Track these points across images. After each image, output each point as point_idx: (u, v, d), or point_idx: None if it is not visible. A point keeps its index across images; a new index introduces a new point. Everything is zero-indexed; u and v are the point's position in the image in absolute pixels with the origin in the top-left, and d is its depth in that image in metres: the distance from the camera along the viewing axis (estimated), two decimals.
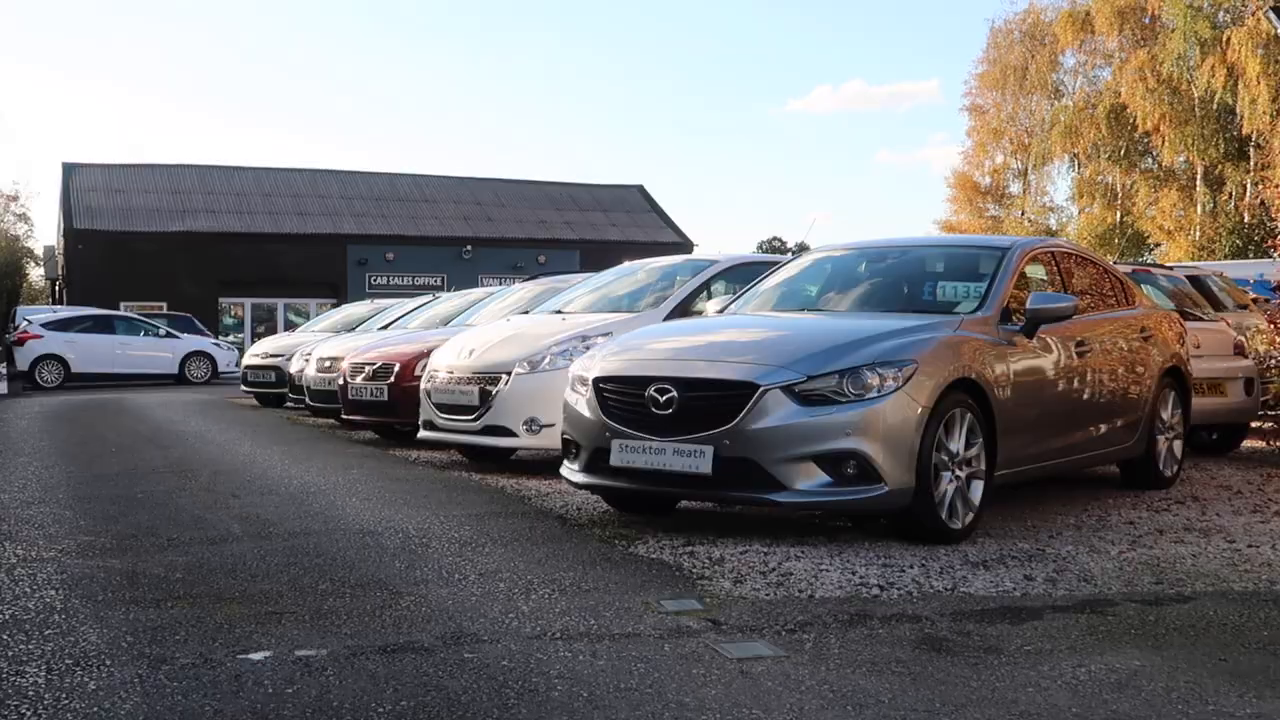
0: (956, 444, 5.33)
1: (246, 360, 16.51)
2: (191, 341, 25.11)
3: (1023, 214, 44.06)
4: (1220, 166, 34.84)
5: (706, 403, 5.19)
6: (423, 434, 8.35)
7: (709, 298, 8.37)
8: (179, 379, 24.12)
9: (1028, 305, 5.94)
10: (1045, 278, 6.62)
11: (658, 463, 5.22)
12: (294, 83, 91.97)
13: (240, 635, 3.64)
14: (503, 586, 4.31)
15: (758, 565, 4.75)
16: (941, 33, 75.27)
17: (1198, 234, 34.61)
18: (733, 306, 6.75)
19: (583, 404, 5.65)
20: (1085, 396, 6.35)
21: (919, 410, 5.11)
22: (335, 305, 28.10)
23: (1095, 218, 40.18)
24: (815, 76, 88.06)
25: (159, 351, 24.32)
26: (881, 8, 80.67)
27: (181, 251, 33.95)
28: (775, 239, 63.26)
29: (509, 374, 7.68)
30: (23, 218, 56.83)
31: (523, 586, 4.31)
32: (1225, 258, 27.39)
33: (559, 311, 8.63)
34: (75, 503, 6.43)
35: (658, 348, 5.80)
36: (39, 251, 53.02)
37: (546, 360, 7.65)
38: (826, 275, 6.90)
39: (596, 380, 5.58)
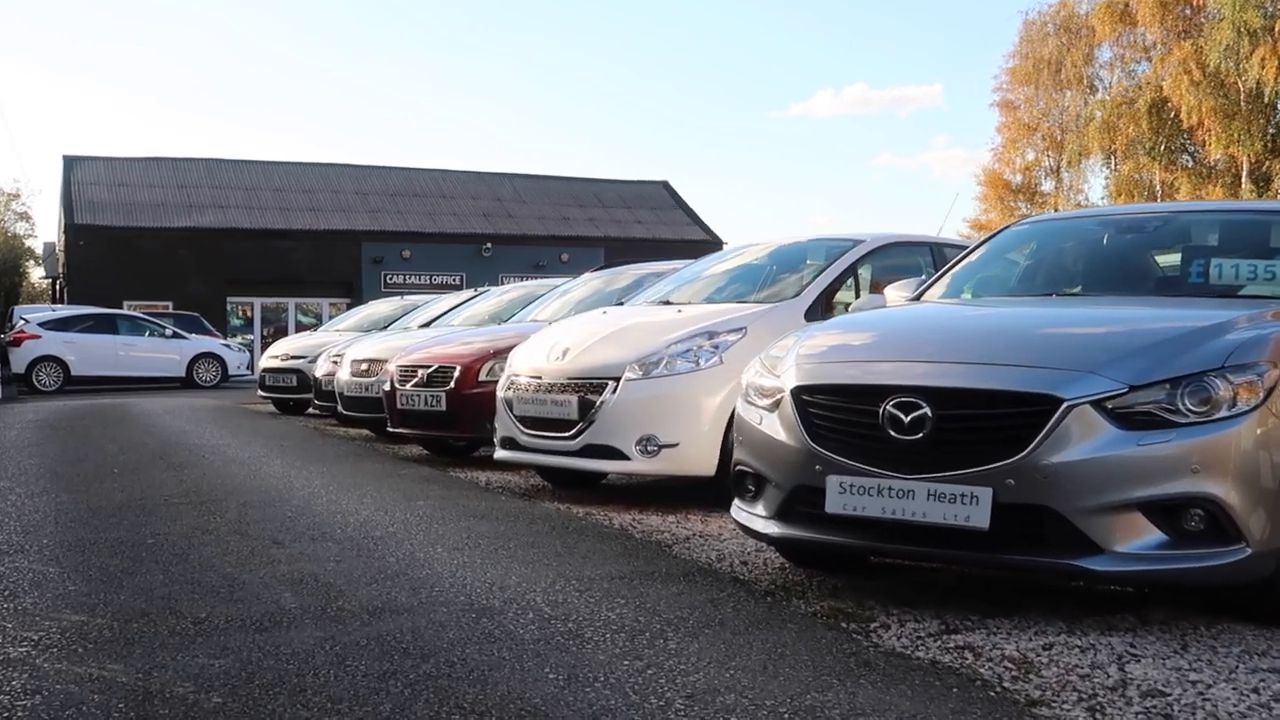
0: None
1: (264, 362, 14.98)
2: (200, 342, 23.58)
3: (1056, 212, 42.48)
4: (1267, 163, 33.22)
5: (977, 424, 3.58)
6: (501, 454, 6.70)
7: (854, 285, 6.80)
8: (186, 382, 22.58)
9: None
10: None
11: (904, 511, 3.59)
12: (294, 83, 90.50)
13: None
14: None
15: (1088, 672, 3.14)
16: (946, 37, 73.82)
17: None
18: (931, 293, 5.12)
19: (772, 424, 4.03)
20: None
21: None
22: (349, 305, 26.59)
23: None
24: (817, 80, 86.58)
25: (165, 353, 22.77)
26: (885, 12, 79.15)
27: (187, 248, 32.31)
28: None
29: (617, 380, 6.05)
30: (23, 216, 55.39)
31: None
32: None
33: (667, 302, 7.00)
34: (64, 552, 4.81)
35: (880, 345, 4.19)
36: (39, 251, 51.47)
37: (664, 363, 6.03)
38: (1052, 252, 5.28)
39: (797, 391, 3.96)
